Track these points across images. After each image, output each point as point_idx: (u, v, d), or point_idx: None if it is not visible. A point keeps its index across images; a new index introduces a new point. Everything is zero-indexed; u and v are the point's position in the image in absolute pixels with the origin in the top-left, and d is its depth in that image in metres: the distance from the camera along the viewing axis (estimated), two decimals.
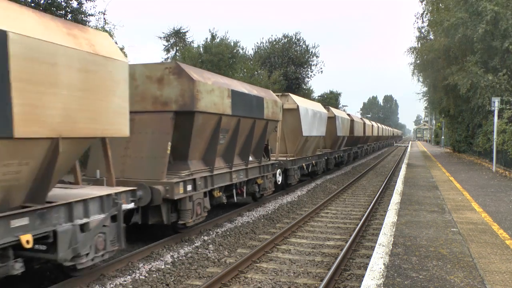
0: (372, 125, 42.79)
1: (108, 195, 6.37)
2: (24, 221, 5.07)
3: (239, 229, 10.00)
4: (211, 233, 9.52)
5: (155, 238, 8.91)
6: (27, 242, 5.00)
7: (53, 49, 5.10)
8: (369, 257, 7.68)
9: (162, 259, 7.59)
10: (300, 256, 8.17)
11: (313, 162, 18.66)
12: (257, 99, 11.65)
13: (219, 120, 9.60)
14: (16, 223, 4.98)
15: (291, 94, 16.71)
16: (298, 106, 15.99)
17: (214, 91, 9.23)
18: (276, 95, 14.53)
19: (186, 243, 8.62)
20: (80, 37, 5.69)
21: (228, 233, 9.60)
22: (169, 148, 8.36)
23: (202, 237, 9.13)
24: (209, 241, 8.85)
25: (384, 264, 5.55)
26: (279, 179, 14.35)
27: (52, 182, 5.60)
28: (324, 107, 21.90)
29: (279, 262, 7.77)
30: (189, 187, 8.65)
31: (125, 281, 6.51)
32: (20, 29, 4.74)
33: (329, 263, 7.72)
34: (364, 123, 35.71)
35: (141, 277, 6.73)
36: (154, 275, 6.82)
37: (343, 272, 7.20)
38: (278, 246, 8.79)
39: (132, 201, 7.00)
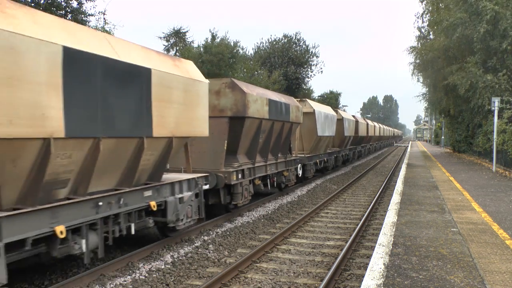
0: (374, 126, 44.76)
1: (193, 179, 8.88)
2: (150, 192, 7.51)
3: (239, 229, 10.00)
4: (211, 233, 9.52)
5: (155, 238, 8.92)
6: (154, 206, 7.47)
7: (170, 77, 7.70)
8: (369, 257, 7.69)
9: (162, 259, 7.59)
10: (300, 256, 8.17)
11: (325, 159, 21.27)
12: (285, 106, 14.17)
13: (260, 123, 12.10)
14: (146, 193, 7.42)
15: (308, 100, 19.29)
16: (314, 110, 18.42)
17: (258, 100, 11.75)
18: (295, 100, 17.10)
19: (186, 243, 8.62)
20: (181, 67, 8.31)
21: (228, 233, 9.61)
22: (225, 145, 10.77)
23: (202, 237, 9.14)
24: (209, 241, 8.86)
25: (384, 264, 5.55)
26: (300, 172, 16.84)
27: (165, 168, 8.22)
28: (333, 109, 24.25)
29: (279, 262, 7.77)
30: (240, 176, 11.15)
31: (125, 281, 6.51)
32: (154, 65, 7.30)
33: (329, 263, 7.72)
34: (367, 124, 37.47)
35: (141, 277, 6.73)
36: (154, 275, 6.83)
37: (343, 272, 7.20)
38: (278, 246, 8.79)
39: (206, 183, 9.43)
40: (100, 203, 6.31)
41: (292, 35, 45.62)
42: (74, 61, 5.54)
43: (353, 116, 31.46)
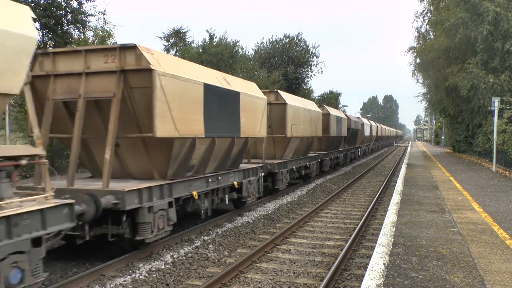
0: (386, 128, 68.48)
1: None
2: None
3: (239, 229, 10.00)
4: (211, 233, 9.52)
5: None
6: None
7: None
8: (369, 257, 7.68)
9: (162, 259, 7.59)
10: (300, 256, 8.17)
11: (365, 148, 39.45)
12: (358, 123, 32.33)
13: (354, 130, 30.71)
14: None
15: (361, 117, 35.26)
16: (363, 122, 35.79)
17: (357, 122, 32.06)
18: (357, 118, 34.69)
19: (186, 243, 8.62)
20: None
21: (228, 233, 9.60)
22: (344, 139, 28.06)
23: (202, 237, 9.14)
24: (209, 241, 8.86)
25: (384, 264, 5.55)
26: (360, 154, 34.94)
27: None
28: (366, 119, 44.11)
29: (279, 262, 7.77)
30: (356, 150, 33.89)
31: (125, 281, 6.51)
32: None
33: (329, 263, 7.72)
34: (381, 127, 58.33)
35: (141, 277, 6.73)
36: (154, 275, 6.83)
37: (343, 272, 7.20)
38: (278, 246, 8.79)
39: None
40: None
41: (293, 35, 45.61)
42: None
43: (374, 122, 50.59)
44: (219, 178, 10.14)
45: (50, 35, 18.08)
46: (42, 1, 17.54)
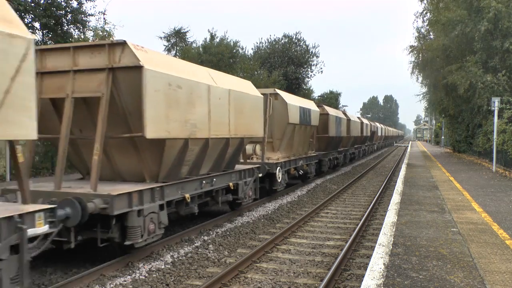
0: (391, 130, 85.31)
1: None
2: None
3: (239, 229, 10.00)
4: (211, 233, 9.52)
5: None
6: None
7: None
8: (369, 257, 7.68)
9: (162, 259, 7.59)
10: (300, 256, 8.17)
11: (379, 144, 53.60)
12: (374, 126, 45.72)
13: (374, 132, 46.89)
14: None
15: (377, 122, 54.82)
16: (377, 126, 48.44)
17: (384, 129, 59.89)
18: (373, 122, 48.32)
19: (186, 243, 8.62)
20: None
21: (228, 233, 9.61)
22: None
23: (202, 237, 9.14)
24: (209, 241, 8.86)
25: (384, 264, 5.55)
26: (375, 148, 49.21)
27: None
28: (378, 123, 59.17)
29: (279, 262, 7.77)
30: (369, 147, 47.07)
31: (125, 281, 6.51)
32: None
33: (329, 263, 7.72)
34: (387, 129, 72.85)
35: (141, 277, 6.73)
36: (154, 275, 6.83)
37: (343, 272, 7.20)
38: (278, 246, 8.79)
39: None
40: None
41: (292, 34, 45.62)
42: None
43: (383, 125, 66.92)
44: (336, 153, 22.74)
45: (50, 35, 18.08)
46: (42, 1, 17.54)
